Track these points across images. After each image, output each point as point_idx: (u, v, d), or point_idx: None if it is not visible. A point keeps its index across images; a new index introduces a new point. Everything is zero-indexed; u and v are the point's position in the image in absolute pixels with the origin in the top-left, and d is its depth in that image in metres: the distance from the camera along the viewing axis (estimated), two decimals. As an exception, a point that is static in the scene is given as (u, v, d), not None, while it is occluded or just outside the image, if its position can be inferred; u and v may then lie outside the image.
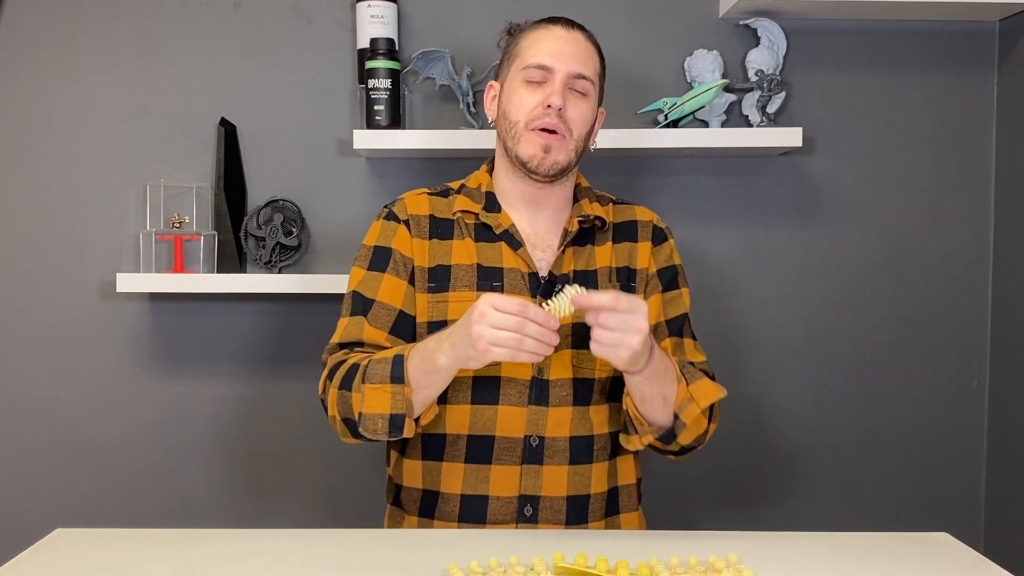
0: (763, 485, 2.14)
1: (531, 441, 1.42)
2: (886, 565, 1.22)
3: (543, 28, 1.45)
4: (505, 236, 1.46)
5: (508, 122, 1.44)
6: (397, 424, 1.32)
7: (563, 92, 1.41)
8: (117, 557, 1.23)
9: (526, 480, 1.42)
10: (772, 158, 2.10)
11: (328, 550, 1.26)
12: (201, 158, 2.06)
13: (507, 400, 1.42)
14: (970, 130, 2.10)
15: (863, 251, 2.11)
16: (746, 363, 2.12)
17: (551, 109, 1.39)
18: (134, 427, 2.10)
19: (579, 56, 1.43)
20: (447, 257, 1.46)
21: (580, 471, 1.45)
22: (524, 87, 1.42)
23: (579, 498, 1.45)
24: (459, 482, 1.43)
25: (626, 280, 1.50)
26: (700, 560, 1.21)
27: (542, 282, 1.44)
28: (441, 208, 1.49)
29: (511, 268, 1.44)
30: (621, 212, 1.55)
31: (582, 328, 1.41)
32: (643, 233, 1.54)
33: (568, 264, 1.47)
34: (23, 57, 2.05)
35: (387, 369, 1.32)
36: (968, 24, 2.08)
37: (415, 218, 1.48)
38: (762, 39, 2.03)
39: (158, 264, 2.03)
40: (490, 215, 1.47)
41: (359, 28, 2.00)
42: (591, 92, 1.45)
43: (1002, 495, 2.09)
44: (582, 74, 1.42)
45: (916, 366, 2.13)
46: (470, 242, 1.46)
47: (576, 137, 1.43)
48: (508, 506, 1.43)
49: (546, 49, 1.42)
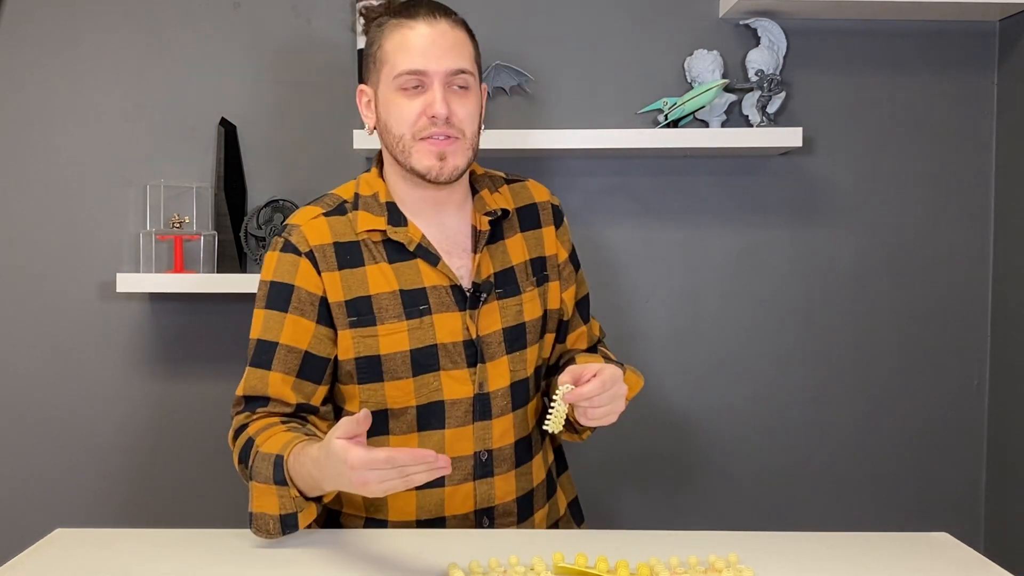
0: (763, 485, 2.14)
1: (480, 456, 1.40)
2: (886, 565, 1.22)
3: (405, 27, 1.32)
4: (420, 251, 1.37)
5: (393, 136, 1.34)
6: (289, 523, 1.26)
7: (444, 96, 1.31)
8: (117, 557, 1.23)
9: (480, 494, 1.40)
10: (772, 158, 2.10)
11: (328, 550, 1.26)
12: (201, 158, 2.06)
13: (453, 422, 1.38)
14: (970, 130, 2.10)
15: (863, 251, 2.11)
16: (745, 362, 2.12)
17: (437, 119, 1.31)
18: (134, 427, 2.10)
19: (452, 49, 1.32)
20: (363, 287, 1.36)
21: (524, 471, 1.44)
22: (401, 96, 1.32)
23: (526, 495, 1.45)
24: (412, 509, 1.39)
25: (540, 271, 1.46)
26: (700, 560, 1.21)
27: (467, 295, 1.38)
28: (342, 230, 1.38)
29: (434, 286, 1.37)
30: (517, 194, 1.48)
31: (512, 332, 1.41)
32: (544, 216, 1.49)
33: (487, 268, 1.40)
34: (23, 57, 2.05)
35: (270, 470, 1.25)
36: (968, 24, 2.08)
37: (319, 248, 1.36)
38: (762, 39, 2.03)
39: (158, 264, 2.03)
40: (398, 230, 1.37)
41: (359, 28, 2.00)
42: (471, 83, 1.35)
43: (1002, 495, 2.09)
44: (460, 68, 1.32)
45: (916, 366, 2.13)
46: (385, 266, 1.36)
47: (470, 135, 1.35)
48: (465, 522, 1.41)
49: (416, 51, 1.30)
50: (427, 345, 1.36)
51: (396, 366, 1.36)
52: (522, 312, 1.42)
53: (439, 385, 1.37)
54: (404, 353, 1.36)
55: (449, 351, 1.37)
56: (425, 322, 1.36)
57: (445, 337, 1.37)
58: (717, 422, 2.13)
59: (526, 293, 1.43)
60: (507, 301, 1.41)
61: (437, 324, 1.36)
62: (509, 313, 1.41)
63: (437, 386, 1.37)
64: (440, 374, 1.37)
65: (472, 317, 1.38)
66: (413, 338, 1.36)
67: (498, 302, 1.40)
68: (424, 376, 1.36)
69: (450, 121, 1.32)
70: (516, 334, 1.41)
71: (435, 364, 1.36)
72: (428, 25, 1.32)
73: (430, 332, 1.36)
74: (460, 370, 1.37)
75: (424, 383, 1.36)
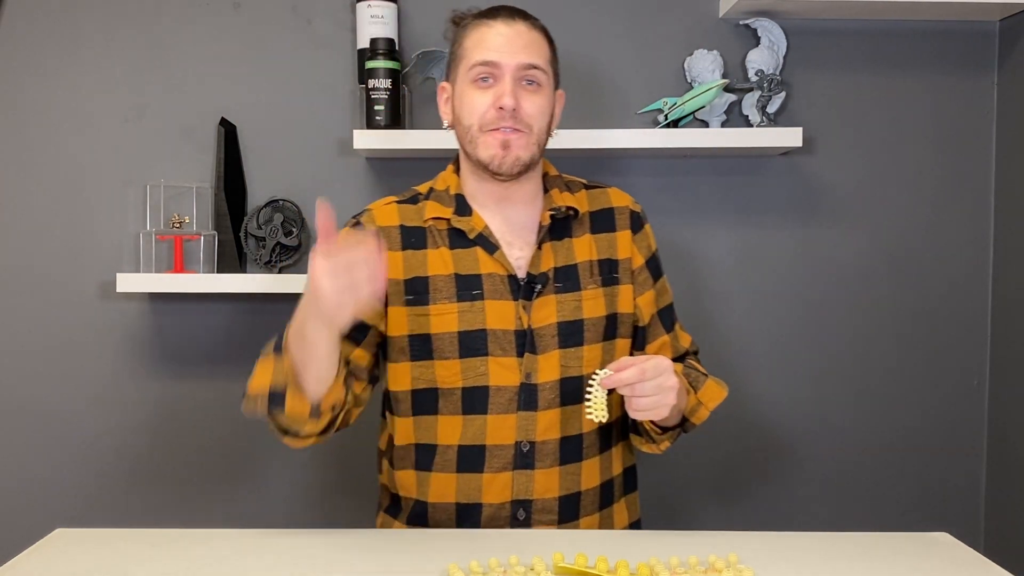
0: (763, 485, 2.14)
1: (522, 447, 1.42)
2: (886, 565, 1.22)
3: (484, 25, 1.40)
4: (479, 240, 1.43)
5: (463, 127, 1.41)
6: (276, 400, 1.30)
7: (514, 90, 1.37)
8: (117, 557, 1.23)
9: (518, 485, 1.42)
10: (772, 158, 2.10)
11: (328, 550, 1.26)
12: (201, 158, 2.06)
13: (496, 409, 1.41)
14: (970, 130, 2.10)
15: (863, 251, 2.11)
16: (746, 363, 2.12)
17: (504, 111, 1.36)
18: (134, 427, 2.10)
19: (526, 47, 1.38)
20: (423, 268, 1.43)
21: (571, 470, 1.44)
22: (473, 88, 1.39)
23: (571, 496, 1.45)
24: (452, 491, 1.43)
25: (608, 272, 1.48)
26: (700, 560, 1.21)
27: (521, 284, 1.42)
28: (411, 216, 1.46)
29: (489, 274, 1.42)
30: (595, 198, 1.52)
31: (568, 327, 1.43)
32: (620, 221, 1.51)
33: (547, 261, 1.44)
34: (23, 57, 2.05)
35: (270, 346, 1.32)
36: (968, 24, 2.08)
37: (385, 230, 1.44)
38: (762, 39, 2.03)
39: (158, 264, 2.03)
40: (462, 219, 1.44)
41: (359, 28, 2.00)
42: (544, 81, 1.40)
43: (1002, 495, 2.09)
44: (532, 64, 1.38)
45: (916, 366, 2.13)
46: (445, 251, 1.43)
47: (536, 131, 1.40)
48: (501, 511, 1.42)
49: (491, 45, 1.37)
50: (476, 329, 1.40)
51: (444, 346, 1.41)
52: (581, 308, 1.44)
53: (485, 370, 1.40)
54: (452, 334, 1.40)
55: (498, 337, 1.40)
56: (476, 306, 1.41)
57: (495, 323, 1.40)
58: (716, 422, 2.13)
59: (587, 291, 1.45)
60: (565, 296, 1.43)
61: (488, 310, 1.40)
62: (567, 308, 1.43)
63: (484, 370, 1.40)
64: (488, 359, 1.40)
65: (525, 307, 1.41)
66: (463, 320, 1.40)
67: (556, 296, 1.43)
68: (471, 359, 1.40)
69: (517, 115, 1.37)
70: (572, 330, 1.43)
71: (483, 348, 1.40)
72: (506, 24, 1.40)
73: (480, 316, 1.40)
74: (508, 358, 1.40)
75: (471, 366, 1.40)
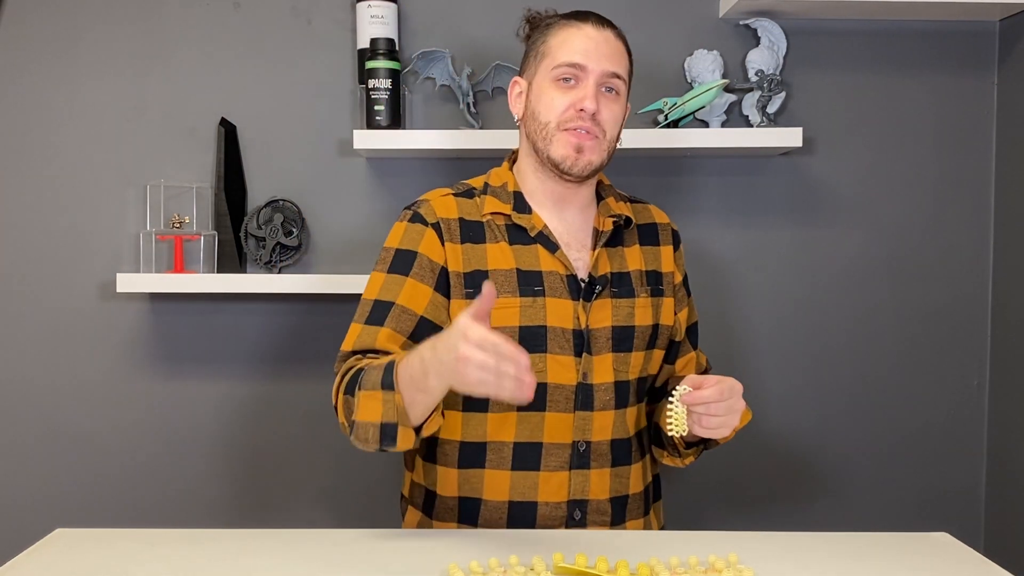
0: (763, 485, 2.14)
1: (579, 446, 1.42)
2: (886, 565, 1.22)
3: (573, 27, 1.41)
4: (540, 238, 1.44)
5: (538, 123, 1.41)
6: (389, 433, 1.26)
7: (596, 94, 1.38)
8: (117, 557, 1.23)
9: (575, 485, 1.42)
10: (772, 158, 2.10)
11: (328, 550, 1.26)
12: (201, 158, 2.06)
13: (554, 407, 1.41)
14: (970, 130, 2.10)
15: (863, 251, 2.11)
16: (746, 364, 2.12)
17: (584, 113, 1.38)
18: (134, 427, 2.10)
19: (612, 55, 1.40)
20: (483, 262, 1.42)
21: (620, 472, 1.45)
22: (555, 87, 1.40)
23: (620, 499, 1.45)
24: (506, 489, 1.42)
25: (655, 284, 1.50)
26: (700, 560, 1.21)
27: (582, 285, 1.43)
28: (469, 210, 1.46)
29: (550, 271, 1.43)
30: (639, 212, 1.55)
31: (621, 332, 1.44)
32: (664, 236, 1.55)
33: (604, 265, 1.46)
34: (23, 57, 2.05)
35: (379, 376, 1.26)
36: (968, 24, 2.08)
37: (445, 221, 1.43)
38: (762, 39, 2.03)
39: (158, 264, 2.03)
40: (522, 216, 1.45)
41: (359, 28, 2.00)
42: (622, 90, 1.43)
43: (1002, 495, 2.09)
44: (615, 72, 1.41)
45: (916, 366, 2.13)
46: (505, 245, 1.43)
47: (609, 138, 1.42)
48: (557, 511, 1.42)
49: (578, 48, 1.39)
50: (537, 325, 1.40)
51: None
52: (633, 315, 1.45)
53: (544, 367, 1.40)
54: (513, 329, 1.40)
55: (557, 335, 1.41)
56: (538, 303, 1.41)
57: (555, 321, 1.41)
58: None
59: (639, 298, 1.47)
60: (620, 301, 1.45)
61: (549, 307, 1.41)
62: (621, 313, 1.44)
63: (542, 367, 1.40)
64: (546, 356, 1.40)
65: (584, 308, 1.42)
66: (524, 315, 1.40)
67: (611, 300, 1.44)
68: (530, 356, 1.36)
69: (596, 119, 1.39)
70: (625, 335, 1.44)
71: (542, 345, 1.40)
72: (596, 29, 1.41)
73: (541, 313, 1.41)
74: (567, 356, 1.41)
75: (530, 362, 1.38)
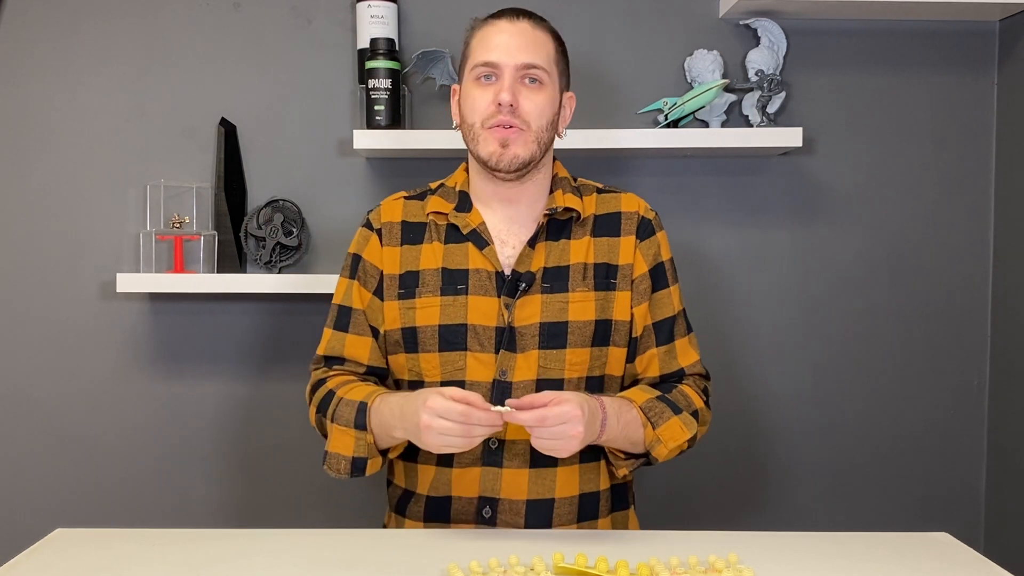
0: (763, 485, 2.14)
1: (490, 443, 1.42)
2: (886, 565, 1.22)
3: (489, 24, 1.43)
4: (472, 236, 1.45)
5: (467, 124, 1.44)
6: (359, 466, 1.39)
7: (512, 87, 1.39)
8: (117, 557, 1.23)
9: (485, 481, 1.42)
10: (772, 158, 2.10)
11: (328, 550, 1.26)
12: (201, 158, 2.06)
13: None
14: (970, 130, 2.10)
15: (863, 251, 2.11)
16: (746, 363, 2.12)
17: (501, 107, 1.38)
18: (134, 427, 2.10)
19: (527, 46, 1.40)
20: (415, 262, 1.46)
21: (543, 475, 1.43)
22: (476, 87, 1.42)
23: (541, 502, 1.43)
24: (428, 483, 1.46)
25: (604, 277, 1.45)
26: (700, 560, 1.21)
27: (507, 281, 1.43)
28: (415, 212, 1.50)
29: (476, 269, 1.44)
30: (605, 202, 1.51)
31: (551, 328, 1.42)
32: (627, 226, 1.49)
33: (538, 260, 1.44)
34: (23, 57, 2.05)
35: (352, 415, 1.38)
36: (968, 24, 2.08)
37: (387, 225, 1.49)
38: (762, 39, 2.03)
39: (158, 264, 2.03)
40: (460, 215, 1.47)
41: (359, 28, 2.00)
42: (546, 80, 1.42)
43: (1002, 495, 2.09)
44: (532, 64, 1.40)
45: (916, 366, 2.13)
46: (438, 245, 1.46)
47: (535, 129, 1.40)
48: (469, 506, 1.43)
49: (492, 45, 1.40)
50: (457, 323, 1.42)
51: (427, 339, 1.43)
52: (567, 311, 1.43)
53: (463, 364, 1.42)
54: (434, 327, 1.43)
55: (478, 333, 1.41)
56: (459, 301, 1.43)
57: (477, 319, 1.42)
58: (716, 422, 2.13)
59: (575, 293, 1.44)
60: (552, 297, 1.43)
61: (471, 305, 1.42)
62: (552, 309, 1.43)
63: (462, 365, 1.42)
64: (467, 354, 1.42)
65: (508, 305, 1.42)
66: (444, 314, 1.43)
67: (542, 296, 1.43)
68: (450, 353, 1.42)
69: (515, 112, 1.39)
70: (555, 331, 1.42)
71: (462, 343, 1.42)
72: (509, 23, 1.42)
73: (463, 311, 1.42)
74: (486, 354, 1.41)
75: (449, 360, 1.42)
